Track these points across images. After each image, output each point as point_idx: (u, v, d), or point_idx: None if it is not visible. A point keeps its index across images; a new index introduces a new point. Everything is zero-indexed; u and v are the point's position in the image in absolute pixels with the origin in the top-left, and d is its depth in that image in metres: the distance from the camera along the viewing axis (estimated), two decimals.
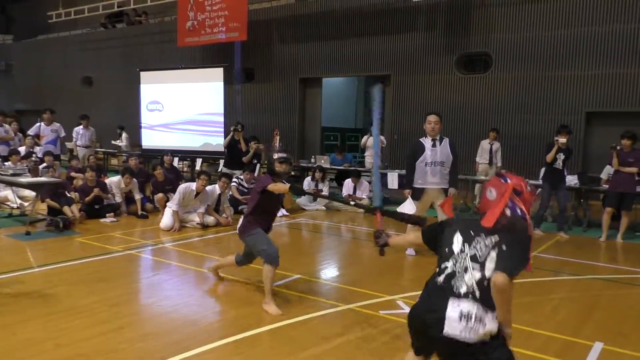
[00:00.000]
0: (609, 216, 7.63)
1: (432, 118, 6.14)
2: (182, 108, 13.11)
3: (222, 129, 12.58)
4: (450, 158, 6.12)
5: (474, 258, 2.34)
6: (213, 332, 3.85)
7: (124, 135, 15.63)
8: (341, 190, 10.44)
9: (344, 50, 14.04)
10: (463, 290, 2.30)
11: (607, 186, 8.50)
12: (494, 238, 2.34)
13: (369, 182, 10.74)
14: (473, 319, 2.22)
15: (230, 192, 8.80)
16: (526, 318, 4.28)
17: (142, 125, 13.82)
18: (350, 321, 4.14)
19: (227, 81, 12.89)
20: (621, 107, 10.72)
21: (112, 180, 8.63)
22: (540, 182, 9.29)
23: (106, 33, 20.21)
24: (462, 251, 2.40)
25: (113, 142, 15.78)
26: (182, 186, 7.81)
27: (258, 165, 11.02)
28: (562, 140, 7.57)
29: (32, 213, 7.53)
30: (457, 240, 2.45)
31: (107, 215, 8.12)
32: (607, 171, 8.91)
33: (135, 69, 14.54)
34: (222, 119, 12.54)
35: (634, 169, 7.38)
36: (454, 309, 2.26)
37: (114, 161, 15.96)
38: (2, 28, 27.56)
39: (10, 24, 27.76)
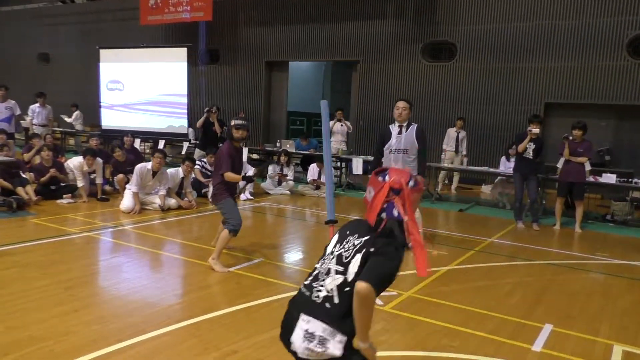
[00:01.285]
0: (560, 205, 7.87)
1: (400, 104, 6.04)
2: (144, 88, 12.79)
3: (186, 111, 12.36)
4: (415, 145, 5.89)
5: (339, 259, 2.10)
6: (171, 314, 3.81)
7: (76, 112, 14.92)
8: (306, 175, 10.44)
9: (312, 35, 13.95)
10: (322, 294, 2.06)
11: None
12: (364, 239, 2.09)
13: (334, 168, 10.79)
14: (315, 341, 2.00)
15: (194, 175, 8.68)
16: (480, 301, 4.42)
17: (102, 104, 13.41)
18: None
19: (191, 62, 12.63)
20: (576, 98, 11.08)
21: (73, 161, 8.30)
22: (500, 170, 9.58)
23: (65, 8, 19.39)
24: (332, 252, 2.17)
25: (63, 116, 15.03)
26: (138, 166, 7.62)
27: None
28: (535, 130, 7.48)
29: None
30: (334, 239, 2.23)
31: (65, 196, 7.89)
32: (563, 161, 9.20)
33: (94, 46, 14.06)
34: (185, 100, 12.31)
35: (583, 159, 7.61)
36: (300, 325, 2.05)
37: (71, 141, 15.43)
38: None
39: None
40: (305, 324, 2.04)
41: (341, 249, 2.14)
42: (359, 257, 2.05)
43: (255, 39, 14.87)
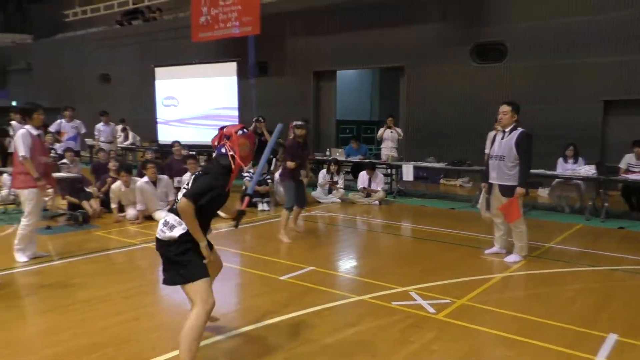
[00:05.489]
0: None
1: (500, 108, 5.74)
2: (197, 103, 13.20)
3: (237, 123, 12.63)
4: (514, 152, 5.50)
5: (187, 185, 3.11)
6: (227, 322, 3.90)
7: (130, 133, 15.55)
8: (356, 182, 10.44)
9: (358, 42, 13.98)
10: (174, 206, 3.09)
11: (626, 176, 8.37)
12: (200, 171, 3.18)
13: (385, 175, 10.73)
14: (167, 225, 3.04)
15: (244, 186, 8.95)
16: (538, 309, 4.26)
17: (158, 120, 13.95)
18: (362, 312, 4.16)
19: (241, 75, 12.93)
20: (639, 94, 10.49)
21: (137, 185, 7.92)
22: (557, 172, 9.18)
23: (122, 30, 20.44)
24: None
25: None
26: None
27: (274, 160, 11.12)
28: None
29: (52, 208, 7.70)
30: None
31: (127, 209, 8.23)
32: (626, 160, 8.76)
33: (150, 65, 14.67)
34: (236, 113, 12.60)
35: None
36: (164, 216, 3.15)
37: (130, 157, 16.13)
38: (22, 28, 28.06)
39: (29, 24, 28.24)
40: (168, 216, 3.10)
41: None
42: (191, 182, 3.09)
43: (302, 49, 15.07)
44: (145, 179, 7.73)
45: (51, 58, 22.92)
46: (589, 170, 8.62)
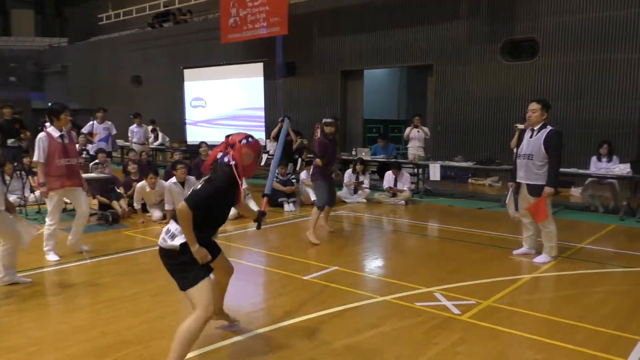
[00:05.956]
0: None
1: (529, 106, 5.61)
2: (224, 104, 13.36)
3: (263, 124, 12.73)
4: (542, 151, 5.39)
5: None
6: (249, 322, 3.92)
7: (160, 134, 15.77)
8: (382, 182, 10.37)
9: (385, 41, 13.89)
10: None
11: None
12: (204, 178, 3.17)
13: (411, 174, 10.63)
14: (169, 234, 3.10)
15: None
16: (568, 311, 4.15)
17: (187, 121, 14.17)
18: (385, 313, 4.13)
19: (268, 76, 13.01)
20: None
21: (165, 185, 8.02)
22: (590, 171, 8.91)
23: (153, 33, 20.83)
24: None
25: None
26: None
27: (300, 160, 11.16)
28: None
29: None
30: None
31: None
32: None
33: (179, 66, 14.91)
34: (263, 113, 12.69)
35: None
36: (168, 225, 3.18)
37: (159, 157, 16.45)
38: (58, 31, 28.97)
39: (64, 27, 29.12)
40: (170, 225, 3.15)
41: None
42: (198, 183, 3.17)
43: (329, 49, 15.06)
44: (174, 179, 7.82)
45: (85, 61, 23.56)
46: (623, 168, 8.35)
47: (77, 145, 10.74)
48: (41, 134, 5.50)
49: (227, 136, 3.27)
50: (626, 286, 4.90)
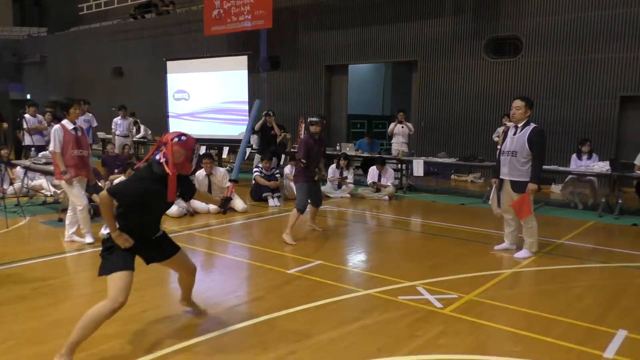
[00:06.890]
0: None
1: (513, 103, 5.66)
2: (208, 97, 13.22)
3: (247, 118, 12.64)
4: (526, 148, 5.46)
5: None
6: (232, 315, 3.92)
7: (142, 126, 15.68)
8: (366, 177, 10.41)
9: (370, 37, 13.91)
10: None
11: None
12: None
13: (395, 170, 10.69)
14: (104, 225, 3.07)
15: (254, 181, 9.01)
16: (547, 305, 4.22)
17: (170, 114, 14.02)
18: (368, 306, 4.16)
19: (252, 69, 12.93)
20: None
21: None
22: (571, 168, 9.08)
23: (135, 23, 20.54)
24: None
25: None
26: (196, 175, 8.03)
27: (283, 155, 11.15)
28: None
29: (64, 201, 7.76)
30: None
31: None
32: None
33: (162, 58, 14.74)
34: (246, 107, 12.60)
35: None
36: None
37: (142, 150, 16.26)
38: (37, 21, 28.35)
39: (44, 17, 28.50)
40: None
41: None
42: None
43: (314, 43, 15.04)
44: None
45: (65, 51, 23.14)
46: (602, 166, 8.51)
47: None
48: (56, 126, 5.82)
49: (162, 135, 3.51)
50: (604, 281, 5.01)
